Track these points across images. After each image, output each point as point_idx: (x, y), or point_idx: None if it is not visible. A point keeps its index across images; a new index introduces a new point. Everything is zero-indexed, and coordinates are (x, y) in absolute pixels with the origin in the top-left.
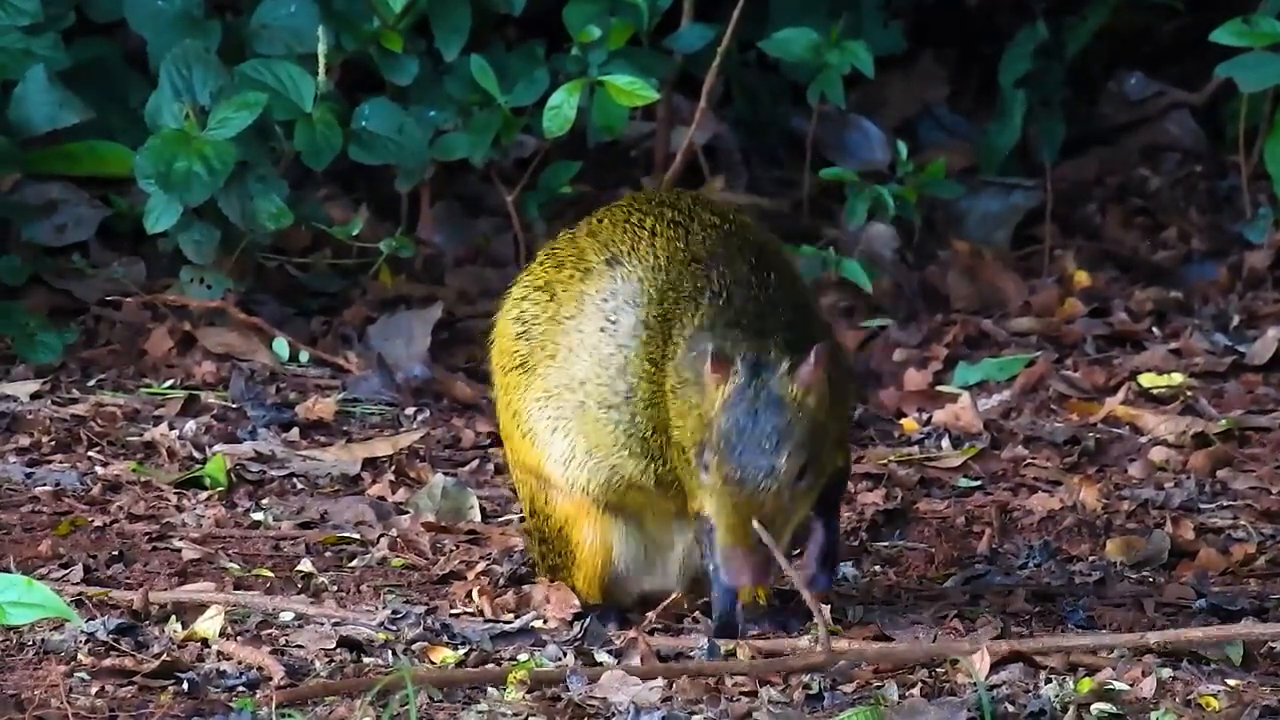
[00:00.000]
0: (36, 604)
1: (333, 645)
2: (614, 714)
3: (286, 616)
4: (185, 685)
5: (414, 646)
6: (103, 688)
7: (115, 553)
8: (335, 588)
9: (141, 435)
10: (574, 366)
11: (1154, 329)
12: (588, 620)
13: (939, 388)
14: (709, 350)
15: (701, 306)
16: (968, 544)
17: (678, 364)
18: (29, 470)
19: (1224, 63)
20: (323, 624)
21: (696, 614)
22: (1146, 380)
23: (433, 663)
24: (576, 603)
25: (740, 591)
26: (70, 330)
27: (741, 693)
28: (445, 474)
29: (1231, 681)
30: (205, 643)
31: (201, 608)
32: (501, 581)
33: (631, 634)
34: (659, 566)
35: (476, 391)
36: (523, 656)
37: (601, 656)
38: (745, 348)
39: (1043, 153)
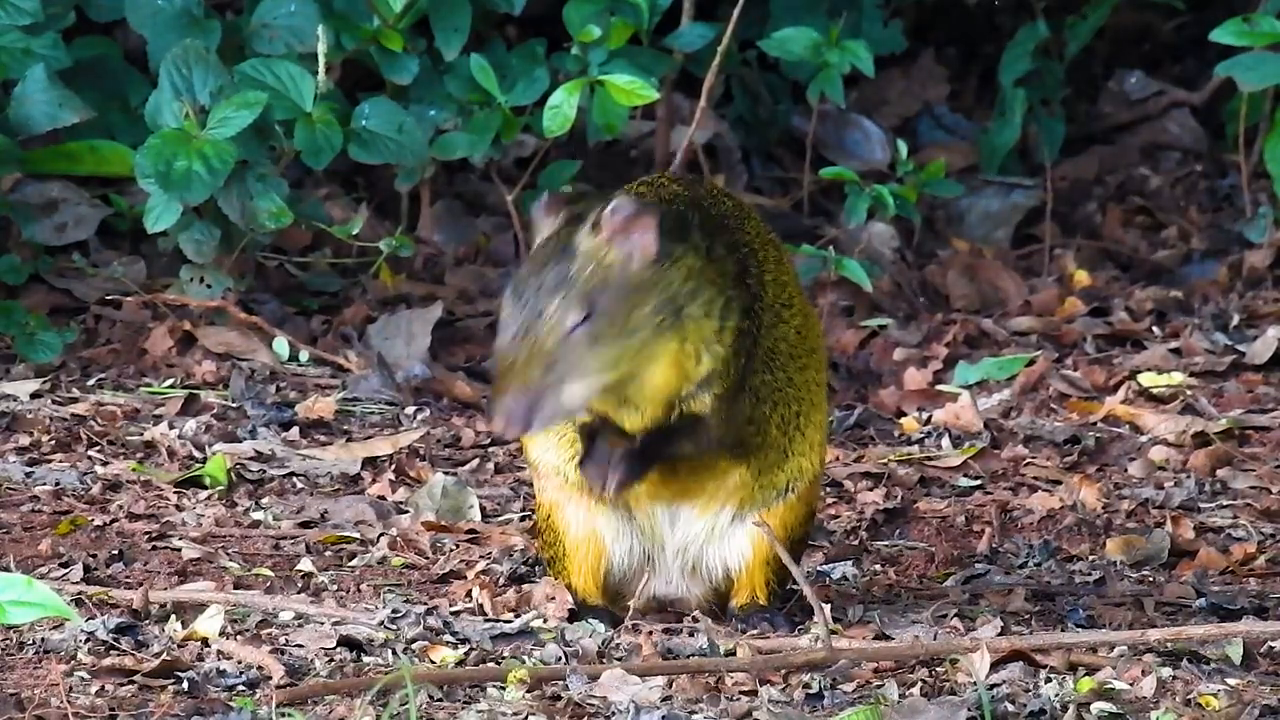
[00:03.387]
0: (36, 603)
1: (333, 644)
2: (614, 713)
3: (286, 616)
4: (185, 684)
5: (414, 646)
6: (103, 687)
7: (115, 552)
8: (335, 587)
9: (141, 434)
10: None
11: (1154, 328)
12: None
13: (939, 387)
14: (547, 193)
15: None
16: (968, 543)
17: None
18: (29, 469)
19: (1224, 62)
20: (323, 623)
21: (696, 614)
22: (1146, 379)
23: (432, 662)
24: (571, 602)
25: (740, 591)
26: (70, 329)
27: (741, 692)
28: (445, 473)
29: (1231, 680)
30: (205, 642)
31: (201, 607)
32: (501, 581)
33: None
34: (658, 565)
35: (476, 391)
36: (525, 655)
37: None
38: (586, 203)
39: (1043, 152)
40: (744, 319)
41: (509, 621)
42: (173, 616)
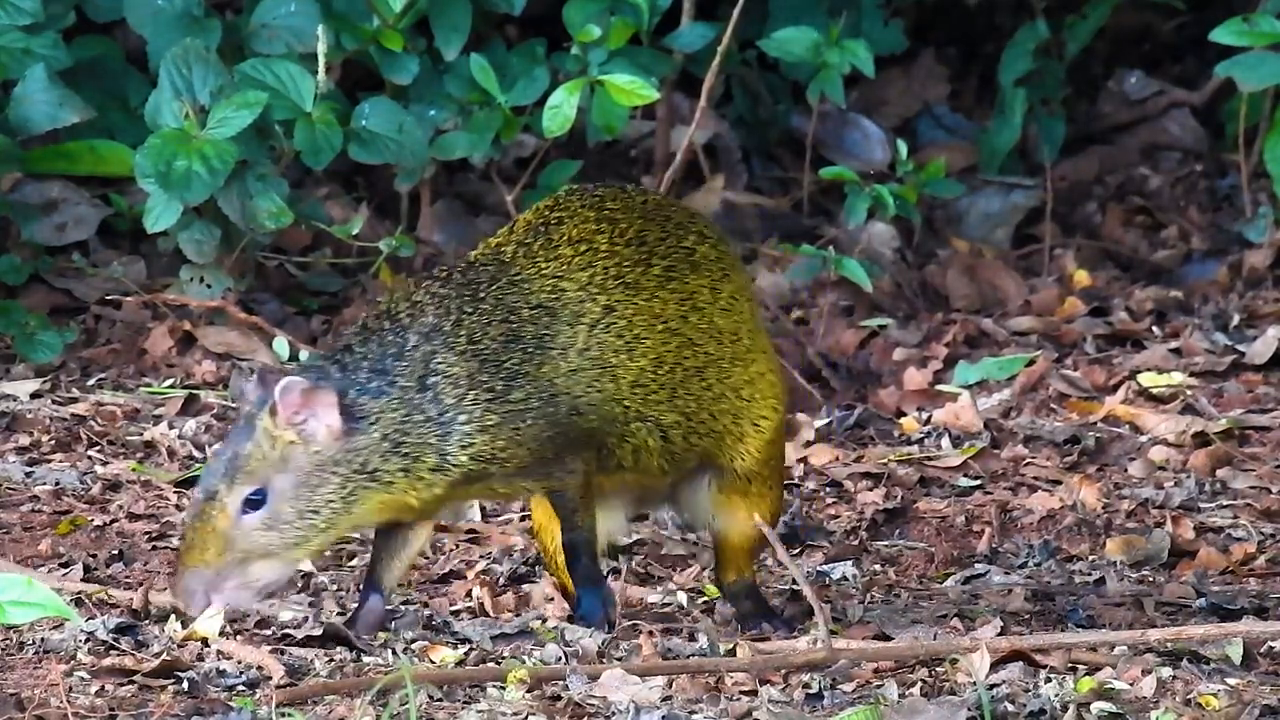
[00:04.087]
0: (36, 603)
1: (333, 644)
2: (614, 713)
3: (286, 616)
4: (185, 684)
5: (414, 645)
6: (103, 687)
7: (115, 552)
8: (335, 587)
9: (141, 434)
10: None
11: (1154, 328)
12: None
13: (939, 387)
14: (260, 369)
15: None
16: (968, 543)
17: None
18: (29, 469)
19: (1224, 61)
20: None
21: (695, 614)
22: (1146, 379)
23: (432, 662)
24: (568, 605)
25: (728, 568)
26: (70, 329)
27: (741, 692)
28: None
29: (1231, 680)
30: (205, 642)
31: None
32: (501, 581)
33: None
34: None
35: None
36: (525, 655)
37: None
38: (285, 377)
39: (1043, 152)
40: (499, 408)
41: (509, 621)
42: (172, 616)
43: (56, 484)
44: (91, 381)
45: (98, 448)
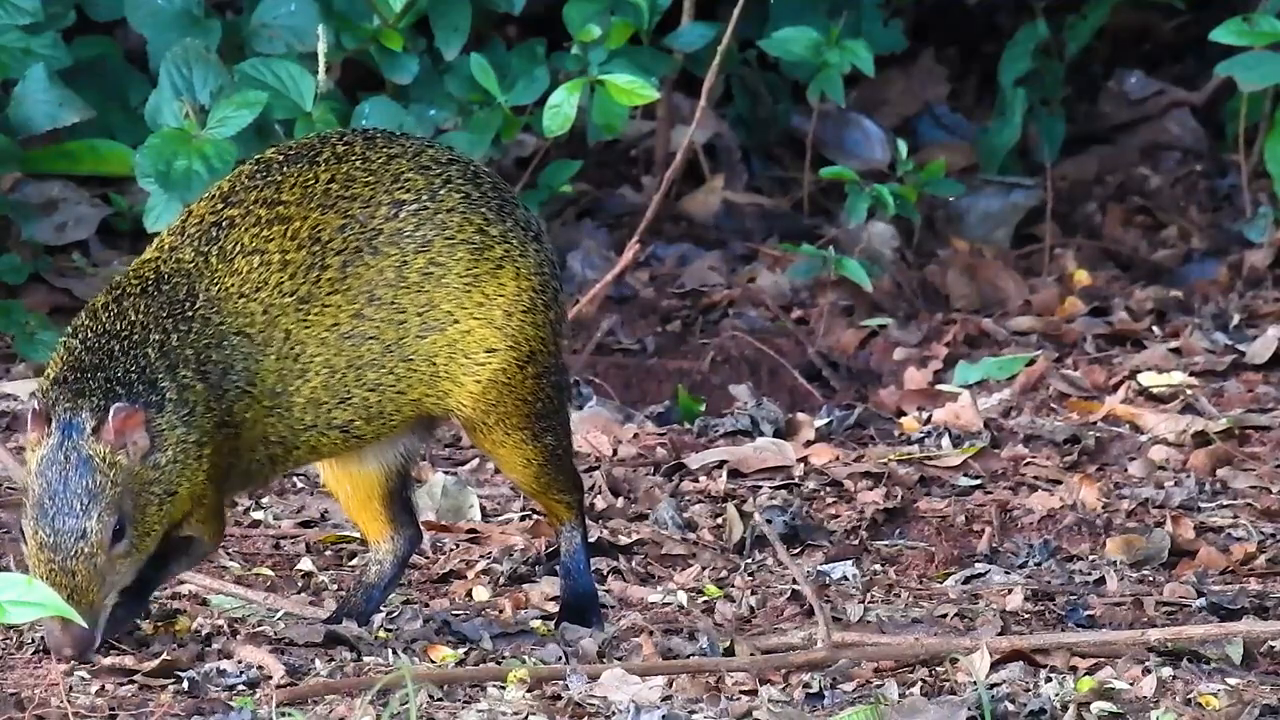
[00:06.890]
0: (36, 603)
1: (333, 644)
2: (614, 713)
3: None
4: (185, 684)
5: (414, 645)
6: (103, 686)
7: None
8: (335, 587)
9: None
10: None
11: (1154, 328)
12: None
13: (939, 386)
14: (31, 408)
15: (62, 351)
16: (968, 543)
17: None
18: None
19: (1224, 61)
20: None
21: (695, 614)
22: (1146, 379)
23: (432, 661)
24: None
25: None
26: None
27: (741, 691)
28: (445, 473)
29: (1231, 680)
30: (206, 641)
31: (202, 605)
32: (501, 581)
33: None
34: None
35: None
36: (525, 655)
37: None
38: (64, 405)
39: (1043, 152)
40: (213, 423)
41: (509, 621)
42: (173, 616)
43: None
44: None
45: None
